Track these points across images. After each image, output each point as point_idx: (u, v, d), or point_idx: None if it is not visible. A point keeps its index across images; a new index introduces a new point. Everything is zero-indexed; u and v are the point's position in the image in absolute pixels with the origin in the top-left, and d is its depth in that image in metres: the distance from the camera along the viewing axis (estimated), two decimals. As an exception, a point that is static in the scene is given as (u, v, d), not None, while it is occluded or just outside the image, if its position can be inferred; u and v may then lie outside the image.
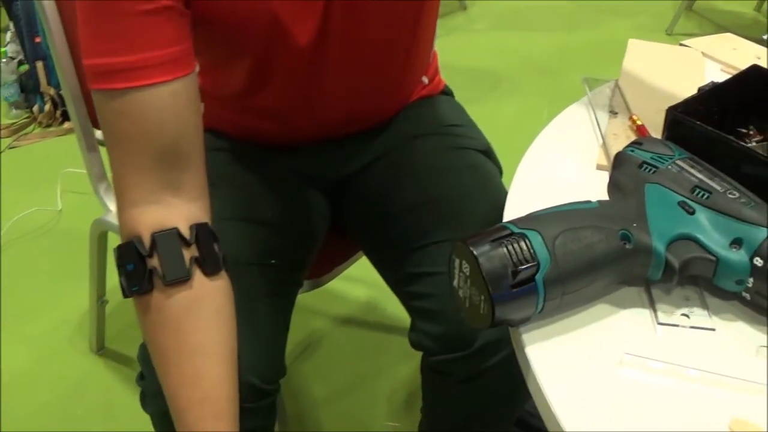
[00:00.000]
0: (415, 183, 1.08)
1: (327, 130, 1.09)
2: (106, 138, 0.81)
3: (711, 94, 0.79)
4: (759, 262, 0.60)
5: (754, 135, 0.81)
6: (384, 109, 1.13)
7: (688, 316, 0.63)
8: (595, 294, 0.64)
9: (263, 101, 1.02)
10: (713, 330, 0.62)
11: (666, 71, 1.00)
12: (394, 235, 1.06)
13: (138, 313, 0.81)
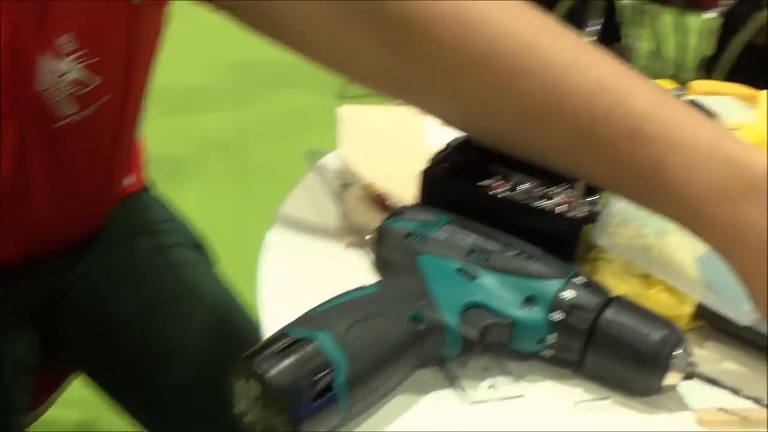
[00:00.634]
0: (134, 288, 1.03)
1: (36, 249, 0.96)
2: None
3: (458, 149, 0.76)
4: (557, 316, 0.57)
5: (502, 185, 0.80)
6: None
7: (494, 386, 0.59)
8: (396, 383, 0.58)
9: None
10: (522, 396, 0.58)
11: (388, 133, 0.97)
12: (118, 348, 1.00)
13: None
